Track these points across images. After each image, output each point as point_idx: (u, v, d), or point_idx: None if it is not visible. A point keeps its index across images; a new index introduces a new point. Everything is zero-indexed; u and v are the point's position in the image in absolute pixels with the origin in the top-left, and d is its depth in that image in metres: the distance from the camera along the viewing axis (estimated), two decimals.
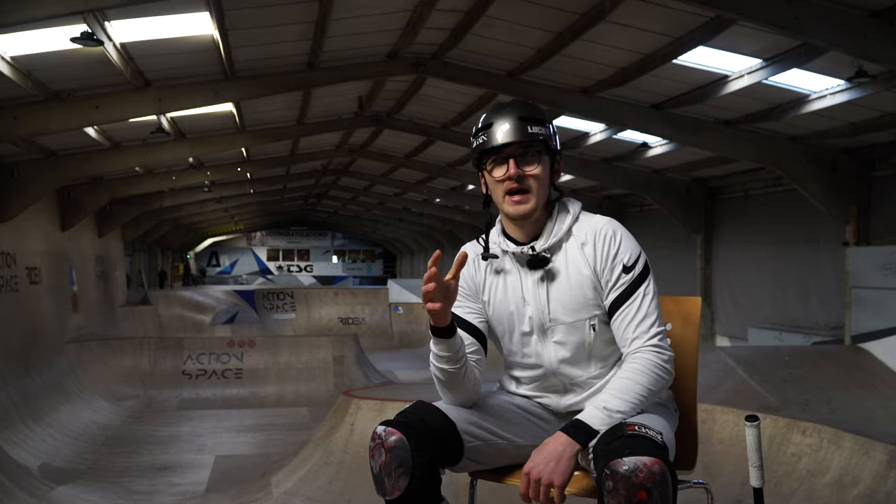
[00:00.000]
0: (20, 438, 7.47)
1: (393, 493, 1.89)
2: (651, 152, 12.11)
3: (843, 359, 7.87)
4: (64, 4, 5.61)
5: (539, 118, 2.09)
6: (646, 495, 1.67)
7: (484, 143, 2.09)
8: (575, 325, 2.08)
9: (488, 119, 2.10)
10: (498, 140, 2.06)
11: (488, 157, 2.10)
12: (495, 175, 2.09)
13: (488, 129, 2.08)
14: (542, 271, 2.10)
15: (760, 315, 12.33)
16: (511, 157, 2.07)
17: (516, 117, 2.07)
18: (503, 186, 2.08)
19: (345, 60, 9.40)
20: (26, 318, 10.13)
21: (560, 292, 2.09)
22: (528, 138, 2.06)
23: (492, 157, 2.10)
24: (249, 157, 15.87)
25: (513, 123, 2.06)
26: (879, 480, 3.90)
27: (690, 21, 7.11)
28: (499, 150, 2.07)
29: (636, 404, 1.93)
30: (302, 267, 46.22)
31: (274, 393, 10.88)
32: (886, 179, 9.84)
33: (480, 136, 2.10)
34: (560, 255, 2.11)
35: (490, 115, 2.11)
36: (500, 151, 2.08)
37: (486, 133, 2.08)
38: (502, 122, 2.07)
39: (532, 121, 2.07)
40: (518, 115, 2.07)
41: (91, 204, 13.68)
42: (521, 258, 2.12)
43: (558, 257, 2.11)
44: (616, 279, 2.05)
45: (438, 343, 2.01)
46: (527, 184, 2.07)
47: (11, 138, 8.59)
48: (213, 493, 6.22)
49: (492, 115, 2.10)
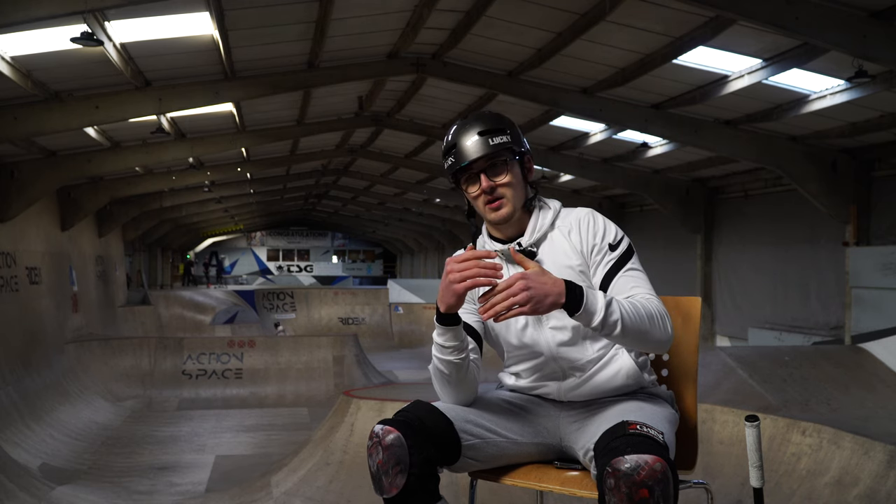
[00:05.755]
0: (20, 438, 7.47)
1: (390, 491, 1.90)
2: (651, 152, 12.11)
3: (843, 359, 7.87)
4: (64, 4, 5.61)
5: (499, 127, 2.14)
6: (647, 493, 1.68)
7: (453, 165, 2.15)
8: None
9: (451, 140, 2.16)
10: (464, 159, 2.11)
11: (461, 175, 2.16)
12: (470, 192, 2.17)
13: (453, 150, 2.14)
14: None
15: (760, 315, 12.33)
16: (481, 172, 2.13)
17: (476, 133, 2.12)
18: (482, 199, 2.15)
19: (345, 60, 9.41)
20: (26, 318, 10.12)
21: None
22: (491, 150, 2.11)
23: (464, 175, 2.15)
24: (249, 157, 15.87)
25: (474, 140, 2.11)
26: (879, 480, 3.91)
27: (690, 21, 7.12)
28: (467, 167, 2.13)
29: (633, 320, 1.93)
30: (302, 267, 46.22)
31: (274, 393, 10.89)
32: (886, 179, 9.84)
33: (448, 159, 2.16)
34: (546, 246, 2.16)
35: (452, 136, 2.16)
36: (470, 169, 2.13)
37: (453, 154, 2.14)
38: (464, 141, 2.12)
39: (492, 132, 2.12)
40: (477, 130, 2.12)
41: (91, 204, 13.68)
42: (507, 256, 2.15)
43: (544, 248, 2.16)
44: (603, 257, 2.11)
45: (445, 332, 2.02)
46: (499, 192, 2.13)
47: (11, 138, 8.59)
48: (212, 493, 6.21)
49: (454, 135, 2.16)
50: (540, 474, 2.09)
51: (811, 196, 10.02)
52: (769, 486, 4.15)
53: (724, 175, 12.87)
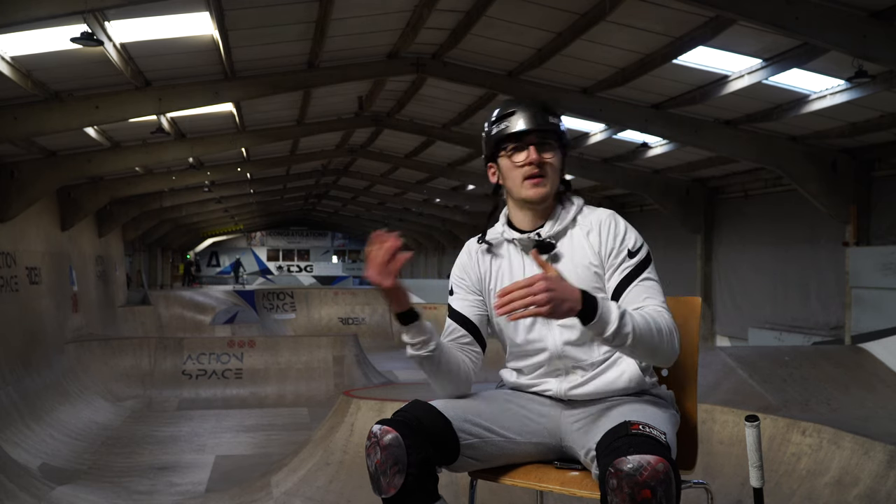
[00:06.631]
0: (20, 438, 7.47)
1: (388, 491, 1.90)
2: (651, 152, 12.11)
3: (843, 359, 7.86)
4: (64, 4, 5.60)
5: (557, 113, 2.20)
6: (650, 493, 1.68)
7: (504, 130, 2.15)
8: None
9: (509, 108, 2.18)
10: (521, 126, 2.13)
11: (507, 143, 2.16)
12: (515, 160, 2.15)
13: (510, 117, 2.15)
14: (546, 256, 2.13)
15: (760, 315, 12.32)
16: (531, 144, 2.13)
17: (538, 107, 2.17)
18: (522, 171, 2.14)
19: (345, 60, 9.41)
20: (26, 318, 10.12)
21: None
22: (548, 126, 2.14)
23: (511, 143, 2.15)
24: (249, 157, 15.87)
25: (534, 112, 2.15)
26: (879, 480, 3.90)
27: (690, 21, 7.12)
28: (519, 136, 2.14)
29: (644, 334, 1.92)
30: (302, 267, 46.20)
31: (274, 393, 10.88)
32: (886, 179, 9.84)
33: (501, 124, 2.16)
34: (565, 242, 2.15)
35: (511, 105, 2.19)
36: (521, 139, 2.14)
37: (507, 120, 2.15)
38: (524, 111, 2.15)
39: (552, 113, 2.18)
40: (539, 106, 2.17)
41: (91, 204, 13.68)
42: (526, 245, 2.15)
43: (563, 244, 2.15)
44: (620, 262, 2.09)
45: (407, 330, 2.07)
46: (545, 170, 2.13)
47: (11, 138, 8.59)
48: (212, 493, 6.21)
49: (512, 104, 2.19)
50: (540, 474, 2.09)
51: (811, 196, 10.02)
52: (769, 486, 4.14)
53: (724, 175, 12.86)
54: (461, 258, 2.30)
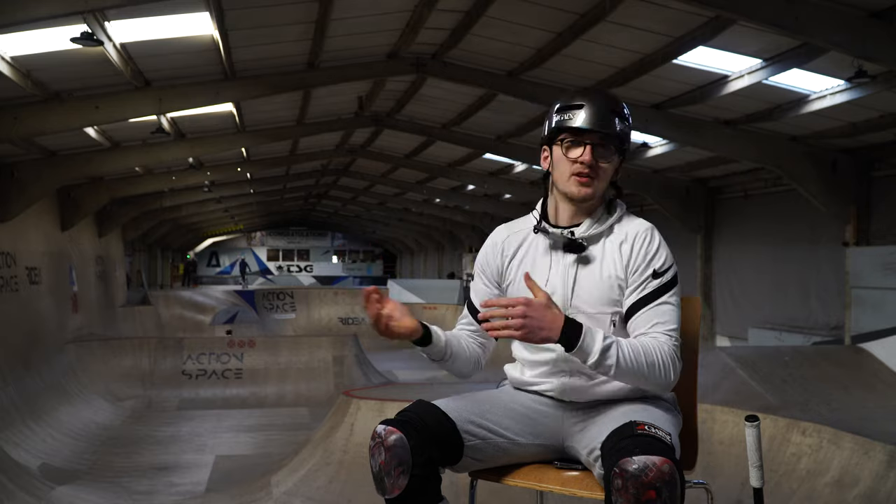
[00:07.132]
0: (20, 438, 7.47)
1: (392, 491, 1.90)
2: (651, 152, 12.11)
3: (843, 359, 7.87)
4: (64, 4, 5.60)
5: (628, 119, 2.12)
6: (654, 494, 1.68)
7: (567, 120, 2.08)
8: (596, 316, 2.07)
9: (580, 99, 2.09)
10: (583, 123, 2.06)
11: (566, 135, 2.10)
12: (571, 154, 2.09)
13: (577, 109, 2.07)
14: (575, 257, 2.11)
15: (760, 315, 12.32)
16: (589, 144, 2.07)
17: (609, 108, 2.08)
18: (573, 168, 2.08)
19: (345, 60, 9.40)
20: (26, 318, 10.12)
21: (588, 281, 2.09)
22: (613, 132, 2.07)
23: (570, 136, 2.09)
24: (249, 157, 15.87)
25: (602, 113, 2.07)
26: (879, 480, 3.91)
27: (690, 21, 7.11)
28: (579, 132, 2.08)
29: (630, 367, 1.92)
30: (302, 267, 46.19)
31: (274, 393, 10.88)
32: (886, 179, 9.83)
33: (566, 113, 2.09)
34: (597, 248, 2.12)
35: (582, 96, 2.10)
36: (580, 135, 2.08)
37: (573, 112, 2.08)
38: (591, 107, 2.07)
39: (623, 118, 2.10)
40: (611, 107, 2.09)
41: (91, 204, 13.68)
42: (557, 240, 2.13)
43: (594, 248, 2.12)
44: (643, 281, 2.06)
45: (424, 351, 2.14)
46: (595, 172, 2.08)
47: (11, 138, 8.59)
48: (213, 493, 6.22)
49: (584, 96, 2.10)
50: (540, 474, 2.09)
51: (811, 196, 10.01)
52: (769, 486, 4.15)
53: (724, 175, 12.86)
54: (485, 247, 2.28)
